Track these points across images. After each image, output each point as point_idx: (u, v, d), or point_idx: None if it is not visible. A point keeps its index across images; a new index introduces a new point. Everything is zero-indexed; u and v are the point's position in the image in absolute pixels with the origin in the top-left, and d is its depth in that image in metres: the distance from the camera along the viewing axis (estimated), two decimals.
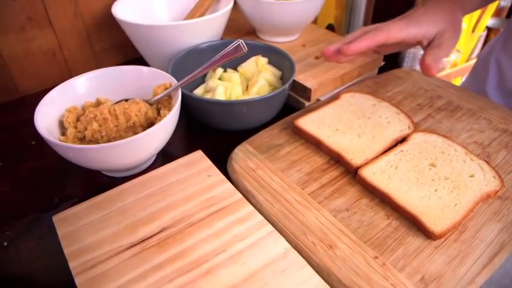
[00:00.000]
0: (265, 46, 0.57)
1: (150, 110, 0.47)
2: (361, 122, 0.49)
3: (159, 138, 0.44)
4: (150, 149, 0.44)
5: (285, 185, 0.44)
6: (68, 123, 0.46)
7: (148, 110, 0.47)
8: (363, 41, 0.46)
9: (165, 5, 0.65)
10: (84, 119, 0.45)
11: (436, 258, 0.37)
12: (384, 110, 0.51)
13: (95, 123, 0.44)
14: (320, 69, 0.58)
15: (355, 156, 0.44)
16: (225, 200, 0.42)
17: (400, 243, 0.38)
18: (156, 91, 0.48)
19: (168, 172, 0.45)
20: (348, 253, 0.37)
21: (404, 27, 0.47)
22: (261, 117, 0.51)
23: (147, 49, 0.59)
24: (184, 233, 0.39)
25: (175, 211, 0.41)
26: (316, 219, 0.40)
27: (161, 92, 0.47)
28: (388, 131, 0.48)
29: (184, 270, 0.36)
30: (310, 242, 0.38)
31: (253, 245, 0.38)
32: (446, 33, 0.47)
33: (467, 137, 0.50)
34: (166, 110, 0.47)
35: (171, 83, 0.48)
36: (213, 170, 0.45)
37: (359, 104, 0.52)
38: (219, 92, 0.52)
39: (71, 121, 0.47)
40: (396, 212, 0.41)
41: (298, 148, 0.48)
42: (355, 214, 0.41)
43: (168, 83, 0.48)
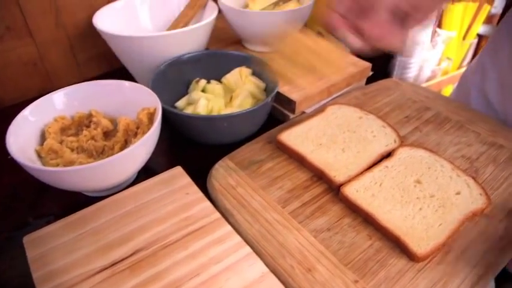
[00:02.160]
0: (249, 56, 0.55)
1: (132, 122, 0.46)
2: (346, 136, 0.47)
3: (137, 158, 0.43)
4: (128, 169, 0.43)
5: (266, 203, 0.42)
6: (49, 134, 0.45)
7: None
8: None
9: (148, 14, 0.64)
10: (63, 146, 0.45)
11: (419, 283, 0.35)
12: (370, 123, 0.50)
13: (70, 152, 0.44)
14: (306, 81, 0.56)
15: (338, 172, 0.43)
16: (203, 219, 0.41)
17: (382, 265, 0.37)
18: (140, 118, 0.46)
19: (145, 190, 0.44)
20: (328, 277, 0.36)
21: None
22: (243, 130, 0.50)
23: (130, 60, 0.58)
24: (158, 255, 0.38)
25: (150, 232, 0.40)
26: (296, 241, 0.39)
27: (145, 117, 0.46)
28: (374, 146, 0.47)
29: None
30: (289, 265, 0.37)
31: (229, 268, 0.36)
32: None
33: (455, 150, 0.49)
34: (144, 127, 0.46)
35: (155, 108, 0.46)
36: (191, 188, 0.44)
37: (345, 117, 0.51)
38: (201, 105, 0.51)
39: (52, 131, 0.46)
40: (379, 232, 0.39)
41: (280, 164, 0.47)
42: (336, 234, 0.39)
43: (152, 108, 0.46)
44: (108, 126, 0.48)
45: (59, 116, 0.47)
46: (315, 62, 0.44)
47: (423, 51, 0.82)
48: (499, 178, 0.45)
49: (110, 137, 0.48)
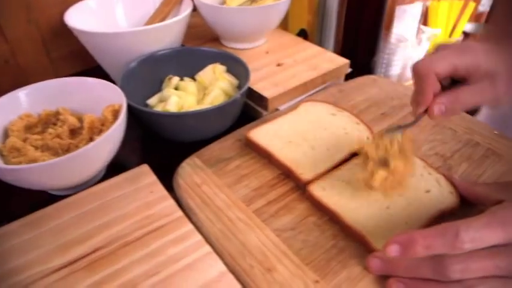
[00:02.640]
0: (222, 53, 0.55)
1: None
2: (317, 134, 0.46)
3: (100, 156, 0.42)
4: (91, 166, 0.42)
5: (230, 201, 0.41)
6: (12, 131, 0.44)
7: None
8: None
9: (123, 12, 0.63)
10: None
11: (384, 282, 0.34)
12: (343, 120, 0.49)
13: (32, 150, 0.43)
14: (281, 77, 0.55)
15: (305, 170, 0.42)
16: (164, 218, 0.40)
17: (345, 265, 0.36)
18: (105, 115, 0.45)
19: (110, 188, 0.43)
20: (287, 277, 0.35)
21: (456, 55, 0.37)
22: (213, 128, 0.49)
23: (103, 58, 0.57)
24: (117, 253, 0.37)
25: (110, 230, 0.39)
26: (258, 240, 0.38)
27: (110, 116, 0.45)
28: (345, 143, 0.46)
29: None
30: (248, 265, 0.36)
31: (187, 267, 0.36)
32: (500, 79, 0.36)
33: (429, 148, 0.48)
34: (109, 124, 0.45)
35: (121, 104, 0.45)
36: (156, 186, 0.43)
37: (317, 113, 0.49)
38: (172, 102, 0.50)
39: (15, 129, 0.45)
40: (344, 231, 0.38)
41: (248, 162, 0.46)
42: (300, 234, 0.38)
43: (117, 105, 0.45)
44: (75, 124, 0.47)
45: (24, 113, 0.46)
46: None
47: (407, 49, 0.81)
48: (472, 176, 0.44)
49: (76, 134, 0.47)
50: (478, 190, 0.39)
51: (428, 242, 0.30)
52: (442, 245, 0.30)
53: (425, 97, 0.38)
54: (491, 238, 0.29)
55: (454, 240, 0.29)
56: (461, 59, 0.36)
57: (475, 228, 0.29)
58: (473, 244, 0.29)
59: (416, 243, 0.30)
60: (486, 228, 0.29)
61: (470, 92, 0.37)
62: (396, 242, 0.31)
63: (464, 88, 0.37)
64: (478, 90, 0.37)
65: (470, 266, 0.30)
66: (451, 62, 0.37)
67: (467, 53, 0.37)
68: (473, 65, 0.36)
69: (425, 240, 0.30)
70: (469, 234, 0.29)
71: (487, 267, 0.30)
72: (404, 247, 0.31)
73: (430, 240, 0.30)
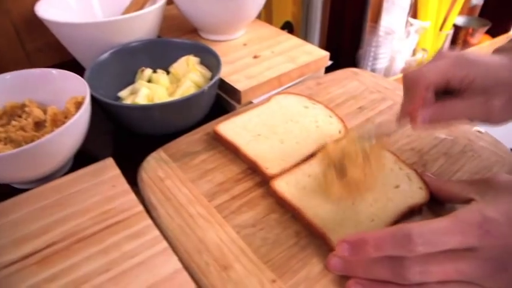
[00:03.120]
0: (195, 44, 0.53)
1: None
2: (288, 127, 0.45)
3: (60, 148, 0.41)
4: (52, 159, 0.41)
5: (192, 196, 0.40)
6: None
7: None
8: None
9: (99, 3, 0.62)
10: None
11: (342, 282, 0.33)
12: (315, 112, 0.47)
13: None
14: (256, 70, 0.54)
15: (272, 164, 0.41)
16: (124, 213, 0.39)
17: (305, 264, 0.34)
18: (67, 107, 0.44)
19: (72, 181, 0.42)
20: (243, 276, 0.33)
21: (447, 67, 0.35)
22: (181, 121, 0.48)
23: (75, 50, 0.56)
24: (71, 249, 0.36)
25: (67, 225, 0.38)
26: (217, 236, 0.36)
27: (73, 108, 0.43)
28: (315, 136, 0.44)
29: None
30: (204, 262, 0.34)
31: (141, 264, 0.34)
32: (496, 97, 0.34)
33: (406, 143, 0.46)
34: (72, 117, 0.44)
35: (83, 96, 0.44)
36: (119, 180, 0.42)
37: (290, 106, 0.48)
38: (141, 95, 0.49)
39: None
40: (308, 228, 0.37)
41: (215, 156, 0.44)
42: (261, 231, 0.37)
43: (80, 97, 0.44)
44: (40, 117, 0.46)
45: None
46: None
47: (394, 41, 0.78)
48: (448, 172, 0.42)
49: (42, 127, 0.46)
50: (449, 188, 0.37)
51: (379, 243, 0.29)
52: (393, 247, 0.28)
53: (411, 107, 0.37)
54: (447, 242, 0.28)
55: (406, 243, 0.28)
56: (456, 71, 0.34)
57: (432, 231, 0.28)
58: (427, 247, 0.28)
59: (367, 243, 0.29)
60: (443, 232, 0.28)
61: (459, 106, 0.35)
62: (347, 242, 0.30)
63: (453, 101, 0.35)
64: (468, 104, 0.35)
65: (429, 269, 0.28)
66: (444, 74, 0.35)
67: (463, 66, 0.34)
68: (468, 78, 0.34)
69: (375, 241, 0.29)
70: (423, 236, 0.28)
71: (448, 271, 0.28)
72: (354, 247, 0.29)
73: (381, 242, 0.29)
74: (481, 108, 0.34)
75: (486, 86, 0.34)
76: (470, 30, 1.00)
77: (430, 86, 0.35)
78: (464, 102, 0.35)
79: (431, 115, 0.36)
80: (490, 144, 0.45)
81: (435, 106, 0.36)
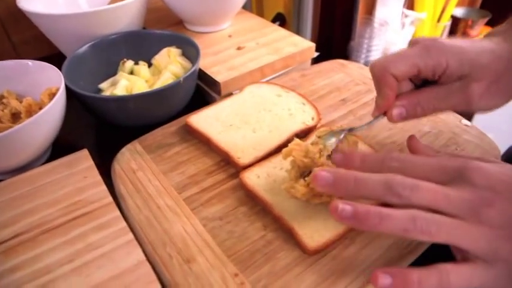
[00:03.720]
0: (176, 36, 0.52)
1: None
2: (260, 116, 0.44)
3: (32, 139, 0.41)
4: (24, 149, 0.41)
5: (162, 188, 0.39)
6: None
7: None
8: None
9: None
10: None
11: (306, 278, 0.32)
12: (288, 100, 0.46)
13: None
14: (239, 61, 0.53)
15: (244, 154, 0.40)
16: (93, 204, 0.38)
17: (269, 258, 0.33)
18: (41, 98, 0.44)
19: (44, 172, 0.42)
20: (205, 269, 0.32)
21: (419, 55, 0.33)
22: (161, 112, 0.47)
23: (59, 42, 0.56)
24: (37, 240, 0.36)
25: (36, 215, 0.38)
26: (183, 229, 0.36)
27: (47, 99, 0.43)
28: (288, 124, 0.43)
29: (20, 282, 0.32)
30: (167, 255, 0.34)
31: (104, 256, 0.34)
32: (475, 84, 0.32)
33: (387, 136, 0.44)
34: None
35: (58, 88, 0.43)
36: (91, 171, 0.42)
37: (263, 95, 0.47)
38: (120, 86, 0.48)
39: None
40: (276, 223, 0.36)
41: (189, 148, 0.43)
42: (228, 224, 0.36)
43: (54, 88, 0.44)
44: (18, 108, 0.46)
45: None
46: None
47: (388, 33, 0.76)
48: None
49: (19, 119, 0.46)
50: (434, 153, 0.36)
51: (364, 157, 0.31)
52: (374, 160, 0.31)
53: (383, 100, 0.35)
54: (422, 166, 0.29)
55: (384, 158, 0.31)
56: (425, 59, 0.33)
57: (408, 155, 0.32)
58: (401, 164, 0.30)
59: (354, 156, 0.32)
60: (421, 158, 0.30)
61: (436, 94, 0.34)
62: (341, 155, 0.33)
63: (429, 90, 0.34)
64: (445, 92, 0.33)
65: (420, 185, 0.27)
66: (412, 63, 0.33)
67: (433, 53, 0.33)
68: (440, 65, 0.32)
69: (361, 156, 0.32)
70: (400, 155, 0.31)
71: (437, 192, 0.27)
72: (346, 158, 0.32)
73: (366, 156, 0.31)
74: (460, 95, 0.33)
75: (463, 72, 0.32)
76: (470, 22, 0.96)
77: (398, 76, 0.33)
78: (442, 89, 0.33)
79: (408, 106, 0.34)
80: (475, 137, 0.43)
81: (411, 96, 0.34)
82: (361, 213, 0.27)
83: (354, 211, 0.27)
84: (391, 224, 0.26)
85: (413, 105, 0.34)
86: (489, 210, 0.26)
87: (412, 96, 0.34)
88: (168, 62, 0.52)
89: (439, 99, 0.34)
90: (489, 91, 0.32)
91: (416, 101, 0.34)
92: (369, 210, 0.27)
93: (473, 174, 0.27)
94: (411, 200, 0.27)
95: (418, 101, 0.34)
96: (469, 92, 0.32)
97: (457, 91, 0.33)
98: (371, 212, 0.27)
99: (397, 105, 0.35)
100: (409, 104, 0.34)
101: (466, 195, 0.27)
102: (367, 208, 0.27)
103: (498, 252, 0.26)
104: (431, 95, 0.34)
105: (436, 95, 0.34)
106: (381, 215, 0.27)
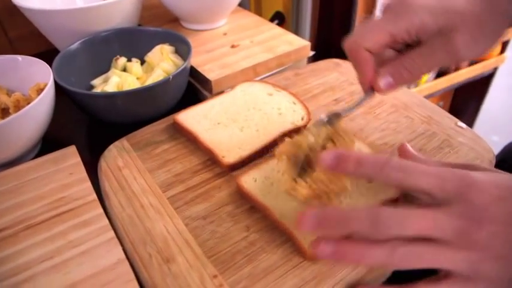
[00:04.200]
0: (169, 33, 0.52)
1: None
2: (249, 114, 0.43)
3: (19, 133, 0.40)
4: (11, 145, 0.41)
5: (147, 187, 0.39)
6: None
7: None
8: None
9: None
10: None
11: (286, 281, 0.31)
12: (279, 99, 0.45)
13: None
14: (232, 59, 0.52)
15: (229, 153, 0.39)
16: (77, 201, 0.38)
17: (251, 260, 0.32)
18: (29, 94, 0.44)
19: (31, 168, 0.42)
20: (184, 269, 0.32)
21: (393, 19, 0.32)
22: (152, 110, 0.47)
23: (54, 38, 0.56)
24: (19, 236, 0.36)
25: (20, 211, 0.38)
26: (164, 228, 0.35)
27: (35, 95, 0.43)
28: (277, 124, 0.42)
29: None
30: (147, 254, 0.33)
31: (84, 253, 0.34)
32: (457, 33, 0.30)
33: (379, 137, 0.43)
34: None
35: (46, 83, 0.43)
36: (77, 168, 0.41)
37: (253, 94, 0.46)
38: (111, 83, 0.48)
39: None
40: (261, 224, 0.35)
41: (177, 146, 0.43)
42: (211, 223, 0.35)
43: (42, 84, 0.44)
44: (7, 103, 0.46)
45: None
46: None
47: None
48: None
49: (8, 114, 0.46)
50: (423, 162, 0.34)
51: (360, 160, 0.28)
52: (372, 166, 0.28)
53: (362, 76, 0.34)
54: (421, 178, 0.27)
55: (384, 165, 0.27)
56: (397, 24, 0.31)
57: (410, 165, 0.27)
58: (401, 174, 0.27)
59: (349, 158, 0.28)
60: (421, 169, 0.27)
61: (419, 54, 0.32)
62: (333, 154, 0.28)
63: (412, 51, 0.32)
64: (428, 50, 0.32)
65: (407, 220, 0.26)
66: (383, 31, 0.32)
67: (402, 15, 0.31)
68: (413, 25, 0.31)
69: (357, 158, 0.28)
70: (400, 162, 0.27)
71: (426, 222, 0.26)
72: (338, 159, 0.28)
73: (363, 159, 0.28)
74: (444, 49, 0.31)
75: (440, 24, 0.31)
76: None
77: (372, 49, 0.32)
78: (424, 48, 0.32)
79: (393, 73, 0.33)
80: (469, 140, 0.42)
81: (395, 62, 0.33)
82: (340, 252, 0.27)
83: (332, 251, 0.27)
84: (370, 260, 0.27)
85: (398, 70, 0.33)
86: (478, 233, 0.25)
87: (396, 62, 0.33)
88: (161, 59, 0.51)
89: (424, 58, 0.32)
90: (473, 37, 0.31)
91: (401, 66, 0.32)
92: (347, 250, 0.27)
93: (469, 194, 0.26)
94: (397, 235, 0.26)
95: (402, 65, 0.32)
96: (452, 43, 0.31)
97: (440, 45, 0.31)
98: (349, 252, 0.27)
99: (382, 74, 0.33)
100: (394, 70, 0.33)
101: (455, 220, 0.26)
102: (346, 248, 0.27)
103: (481, 272, 0.25)
104: (415, 55, 0.32)
105: (420, 55, 0.32)
106: (360, 252, 0.27)
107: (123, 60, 0.53)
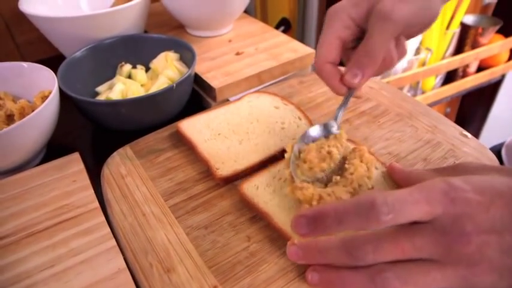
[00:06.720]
0: (174, 40, 0.52)
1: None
2: (251, 127, 0.43)
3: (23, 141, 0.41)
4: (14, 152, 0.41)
5: (149, 195, 0.39)
6: None
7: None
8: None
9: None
10: None
11: None
12: (284, 114, 0.45)
13: None
14: (237, 67, 0.52)
15: (223, 165, 0.39)
16: (79, 208, 0.38)
17: (251, 271, 0.32)
18: (34, 101, 0.44)
19: (35, 175, 0.42)
20: (185, 280, 0.32)
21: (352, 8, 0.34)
22: (156, 117, 0.47)
23: (60, 44, 0.56)
24: (20, 243, 0.36)
25: (22, 218, 0.38)
26: (166, 237, 0.35)
27: (40, 102, 0.44)
28: (277, 139, 0.42)
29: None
30: (148, 263, 0.33)
31: (85, 262, 0.34)
32: (381, 1, 0.32)
33: (383, 147, 0.43)
34: None
35: (50, 90, 0.44)
36: (81, 175, 0.42)
37: (260, 106, 0.46)
38: (116, 90, 0.48)
39: None
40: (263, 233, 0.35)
41: (180, 154, 0.43)
42: (212, 233, 0.35)
43: (47, 91, 0.44)
44: (13, 110, 0.46)
45: None
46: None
47: None
48: None
49: (14, 121, 0.46)
50: (418, 176, 0.33)
51: (341, 215, 0.25)
52: (356, 218, 0.25)
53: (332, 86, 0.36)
54: (412, 212, 0.25)
55: (370, 212, 0.24)
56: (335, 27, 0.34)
57: (397, 199, 0.25)
58: (391, 216, 0.24)
59: (327, 216, 0.26)
60: (408, 200, 0.25)
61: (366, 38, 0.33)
62: (304, 216, 0.27)
63: (364, 40, 0.33)
64: (370, 30, 0.33)
65: (383, 246, 0.25)
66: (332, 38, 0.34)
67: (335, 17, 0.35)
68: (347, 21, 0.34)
69: (337, 212, 0.26)
70: (388, 205, 0.24)
71: (405, 247, 0.25)
72: (313, 221, 0.26)
73: (343, 213, 0.25)
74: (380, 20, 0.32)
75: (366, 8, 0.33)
76: (480, 30, 0.93)
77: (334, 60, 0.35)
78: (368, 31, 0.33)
79: (357, 65, 0.34)
80: (474, 149, 0.41)
81: (353, 56, 0.34)
82: (326, 280, 0.28)
83: (319, 280, 0.28)
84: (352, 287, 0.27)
85: (358, 60, 0.34)
86: (467, 247, 0.24)
87: (354, 54, 0.34)
88: (166, 66, 0.52)
89: (371, 39, 0.33)
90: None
91: (357, 55, 0.34)
92: (331, 278, 0.28)
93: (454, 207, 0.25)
94: (377, 261, 0.26)
95: (358, 54, 0.34)
96: (381, 10, 0.32)
97: (375, 20, 0.32)
98: (333, 280, 0.28)
99: (347, 70, 0.34)
100: (354, 61, 0.34)
101: (438, 237, 0.25)
102: (331, 276, 0.28)
103: (477, 286, 0.25)
104: (364, 40, 0.33)
105: (368, 38, 0.33)
106: (342, 280, 0.27)
107: (128, 67, 0.53)
